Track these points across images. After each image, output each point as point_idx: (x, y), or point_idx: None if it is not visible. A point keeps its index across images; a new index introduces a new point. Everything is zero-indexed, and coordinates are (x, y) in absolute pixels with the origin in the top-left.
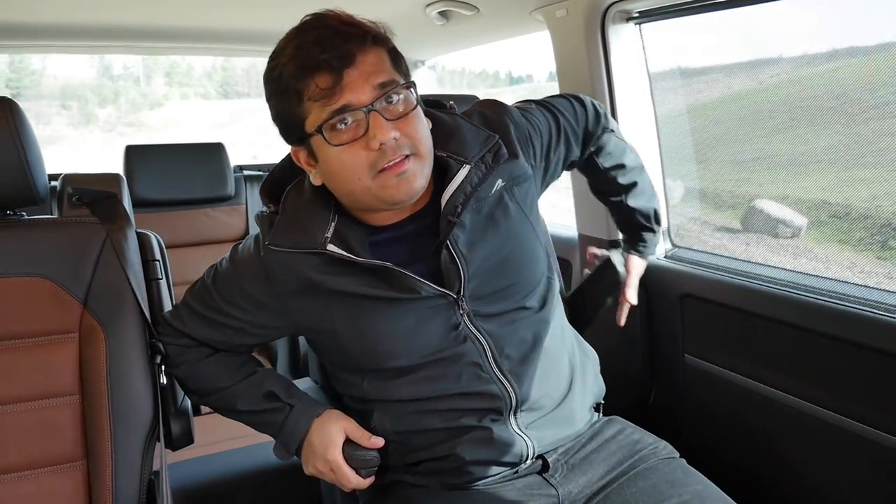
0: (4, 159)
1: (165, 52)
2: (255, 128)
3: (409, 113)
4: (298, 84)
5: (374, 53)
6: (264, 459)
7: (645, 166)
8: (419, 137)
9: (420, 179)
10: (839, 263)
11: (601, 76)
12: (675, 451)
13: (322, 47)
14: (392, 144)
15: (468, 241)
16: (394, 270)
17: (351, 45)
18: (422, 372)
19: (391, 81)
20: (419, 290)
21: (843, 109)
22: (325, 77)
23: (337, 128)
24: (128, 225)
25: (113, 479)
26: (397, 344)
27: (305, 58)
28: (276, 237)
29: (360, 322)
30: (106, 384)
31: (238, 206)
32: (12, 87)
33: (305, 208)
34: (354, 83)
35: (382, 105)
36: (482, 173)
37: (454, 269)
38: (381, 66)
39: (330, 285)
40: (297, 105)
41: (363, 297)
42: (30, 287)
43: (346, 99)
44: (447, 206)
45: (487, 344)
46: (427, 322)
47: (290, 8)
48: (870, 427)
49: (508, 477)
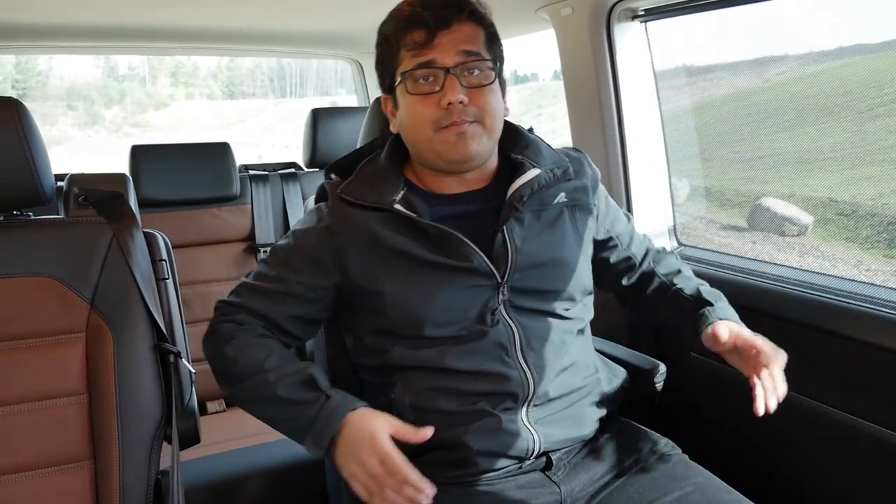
0: (11, 160)
1: (171, 53)
2: (260, 127)
3: (484, 86)
4: (399, 34)
5: (470, 27)
6: (270, 459)
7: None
8: (488, 109)
9: (477, 144)
10: (846, 261)
11: (606, 74)
12: (677, 447)
13: (425, 8)
14: (459, 108)
15: (523, 236)
16: (452, 235)
17: (450, 12)
18: (452, 344)
19: (476, 53)
20: (471, 259)
21: (849, 107)
22: (420, 32)
23: (418, 80)
24: (134, 225)
25: (120, 479)
26: (439, 313)
27: (410, 14)
28: (349, 190)
29: (409, 285)
30: (113, 384)
31: (244, 206)
32: (18, 87)
33: (379, 174)
34: (444, 45)
35: (462, 72)
36: (549, 180)
37: (504, 254)
38: (472, 39)
39: (390, 242)
40: (394, 53)
41: (417, 261)
42: (37, 287)
43: (432, 56)
44: (514, 194)
45: (517, 332)
46: (469, 298)
47: (293, 8)
48: (876, 424)
49: (512, 472)
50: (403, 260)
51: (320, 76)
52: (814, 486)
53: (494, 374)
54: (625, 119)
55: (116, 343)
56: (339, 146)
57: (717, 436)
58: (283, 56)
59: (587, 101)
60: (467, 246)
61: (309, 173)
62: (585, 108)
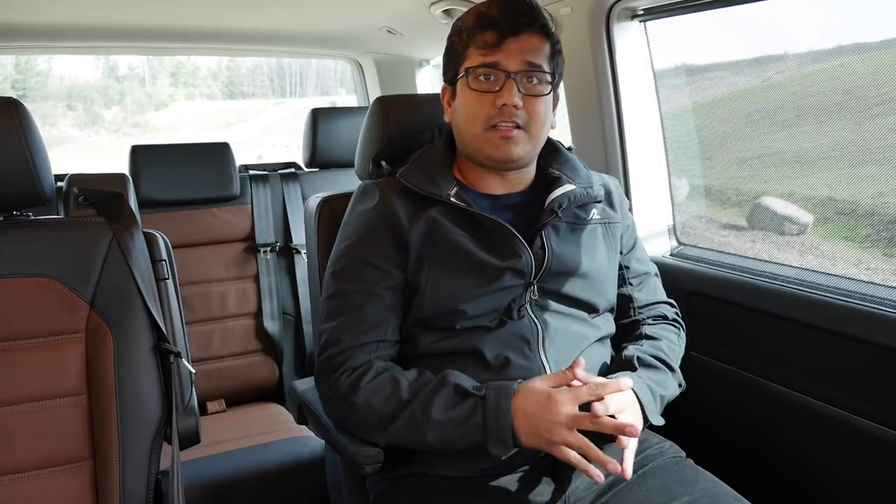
0: (11, 160)
1: (171, 53)
2: (260, 127)
3: (539, 96)
4: (472, 31)
5: (538, 39)
6: (270, 459)
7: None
8: (536, 118)
9: (520, 149)
10: (846, 260)
11: (606, 74)
12: (682, 450)
13: (501, 12)
14: (511, 110)
15: (559, 243)
16: (505, 228)
17: (523, 21)
18: (479, 333)
19: (538, 65)
20: (520, 255)
21: (849, 106)
22: (492, 34)
23: (480, 77)
24: (134, 225)
25: (120, 479)
26: (474, 310)
27: (487, 14)
28: (408, 175)
29: (451, 280)
30: (113, 384)
31: (243, 206)
32: (18, 88)
33: (435, 166)
34: (511, 51)
35: (522, 79)
36: (583, 196)
37: (541, 256)
38: (538, 51)
39: (446, 232)
40: (464, 48)
41: (465, 256)
42: (36, 287)
43: (498, 58)
44: (553, 201)
45: (541, 329)
46: (504, 296)
47: (293, 8)
48: (878, 424)
49: (519, 468)
50: (452, 253)
51: (320, 76)
52: (817, 486)
53: (515, 366)
54: (624, 118)
55: (116, 343)
56: (339, 146)
57: (719, 436)
58: (283, 56)
59: (587, 100)
60: (518, 240)
61: (309, 173)
62: (585, 107)
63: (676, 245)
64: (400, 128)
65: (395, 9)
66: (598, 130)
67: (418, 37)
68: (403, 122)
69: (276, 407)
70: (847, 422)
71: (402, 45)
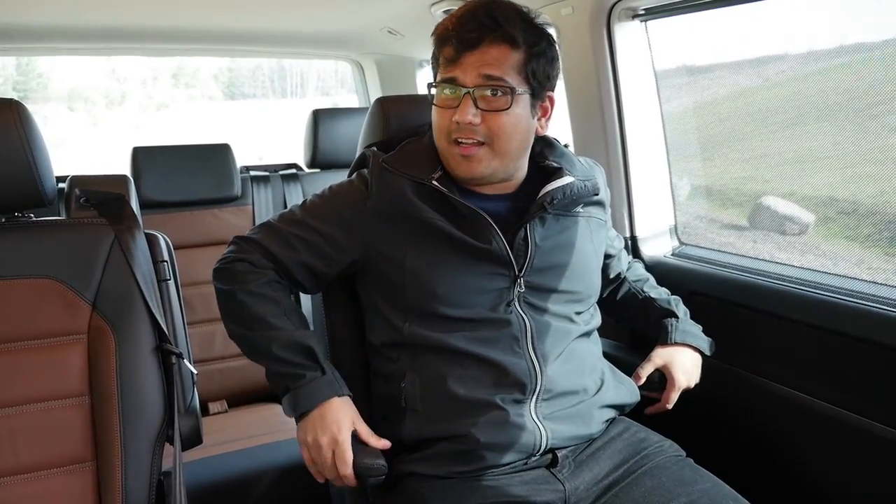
0: (12, 161)
1: (172, 54)
2: (261, 129)
3: (500, 111)
4: (437, 46)
5: (500, 50)
6: (272, 459)
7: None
8: (500, 133)
9: (483, 167)
10: (847, 260)
11: (607, 74)
12: (682, 449)
13: (455, 27)
14: (468, 127)
15: (543, 236)
16: (480, 216)
17: (482, 34)
18: (466, 327)
19: (499, 78)
20: (491, 242)
21: (850, 105)
22: (450, 49)
23: (442, 91)
24: (136, 226)
25: (122, 480)
26: (455, 293)
27: (445, 30)
28: (392, 161)
29: (430, 260)
30: (115, 385)
31: (244, 207)
32: (19, 89)
33: (421, 153)
34: (467, 65)
35: (481, 93)
36: (581, 189)
37: (524, 249)
38: (499, 62)
39: (420, 213)
40: (436, 61)
41: (443, 237)
42: (38, 288)
43: (455, 74)
44: (544, 195)
45: (530, 325)
46: (485, 283)
47: (294, 9)
48: (878, 423)
49: (517, 468)
50: (429, 235)
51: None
52: (817, 486)
53: (504, 362)
54: (625, 118)
55: (118, 344)
56: (340, 147)
57: (719, 435)
58: (284, 57)
59: (588, 100)
60: (493, 229)
61: (310, 174)
62: (586, 107)
63: (678, 245)
64: (400, 128)
65: (396, 9)
66: (599, 130)
67: (419, 37)
68: (404, 123)
69: (278, 408)
70: (847, 421)
71: (402, 46)
